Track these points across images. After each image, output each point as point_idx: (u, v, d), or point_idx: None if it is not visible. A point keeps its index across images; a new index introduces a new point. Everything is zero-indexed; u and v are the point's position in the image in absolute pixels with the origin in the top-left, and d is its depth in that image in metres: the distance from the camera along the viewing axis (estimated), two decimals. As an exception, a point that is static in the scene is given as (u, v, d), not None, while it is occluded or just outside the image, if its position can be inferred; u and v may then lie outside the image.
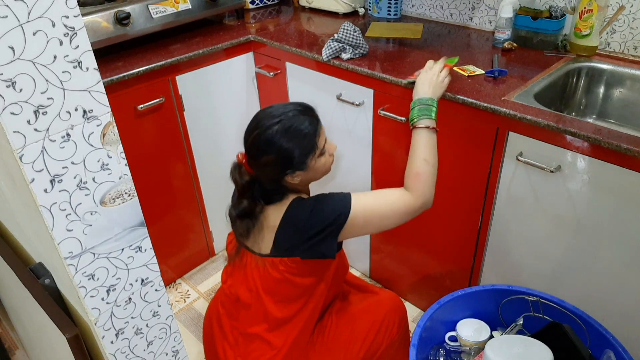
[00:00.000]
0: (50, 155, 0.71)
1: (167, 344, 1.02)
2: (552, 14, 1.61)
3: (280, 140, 1.14)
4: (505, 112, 1.28)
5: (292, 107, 1.18)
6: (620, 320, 1.33)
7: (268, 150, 1.15)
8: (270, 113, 1.17)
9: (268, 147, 1.15)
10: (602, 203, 1.23)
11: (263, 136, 1.15)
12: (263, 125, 1.16)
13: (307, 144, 1.16)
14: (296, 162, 1.16)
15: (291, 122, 1.15)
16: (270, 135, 1.14)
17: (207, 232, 2.10)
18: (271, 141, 1.14)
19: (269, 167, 1.17)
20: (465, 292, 1.35)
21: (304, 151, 1.16)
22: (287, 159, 1.15)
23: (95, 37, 1.58)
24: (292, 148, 1.14)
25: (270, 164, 1.16)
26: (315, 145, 1.18)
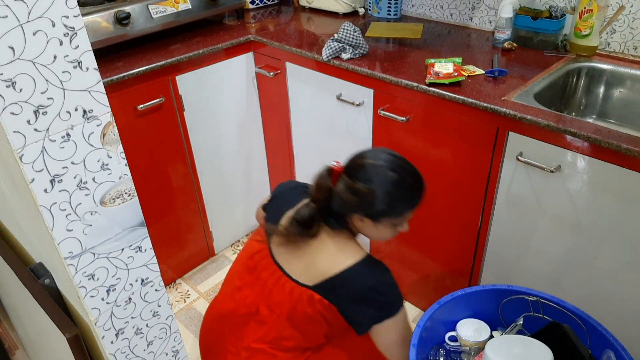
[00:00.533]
0: (50, 155, 0.71)
1: (167, 344, 1.02)
2: (552, 14, 1.61)
3: (386, 185, 1.11)
4: (505, 112, 1.28)
5: (417, 176, 1.16)
6: (620, 320, 1.33)
7: (368, 182, 1.11)
8: (398, 159, 1.15)
9: (370, 180, 1.11)
10: (602, 203, 1.23)
11: (376, 169, 1.12)
12: (385, 160, 1.13)
13: (398, 209, 1.14)
14: (377, 212, 1.13)
15: (406, 182, 1.13)
16: (383, 173, 1.11)
17: (207, 232, 2.10)
18: (378, 179, 1.11)
19: (354, 195, 1.12)
20: (465, 292, 1.35)
21: (391, 211, 1.14)
22: (373, 204, 1.12)
23: (95, 37, 1.58)
24: (386, 199, 1.11)
25: (357, 193, 1.12)
26: (402, 216, 1.16)
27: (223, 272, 2.12)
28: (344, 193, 1.14)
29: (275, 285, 1.21)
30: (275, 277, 1.21)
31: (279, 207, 1.29)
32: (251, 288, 1.26)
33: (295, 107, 1.90)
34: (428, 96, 1.44)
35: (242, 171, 2.12)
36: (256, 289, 1.25)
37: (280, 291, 1.20)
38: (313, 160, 1.97)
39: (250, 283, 1.26)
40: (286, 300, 1.19)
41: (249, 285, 1.27)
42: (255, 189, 2.23)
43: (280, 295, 1.20)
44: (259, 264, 1.26)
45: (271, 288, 1.21)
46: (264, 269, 1.24)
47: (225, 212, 2.14)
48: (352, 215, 1.16)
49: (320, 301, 1.15)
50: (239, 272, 1.32)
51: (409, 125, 1.53)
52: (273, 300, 1.21)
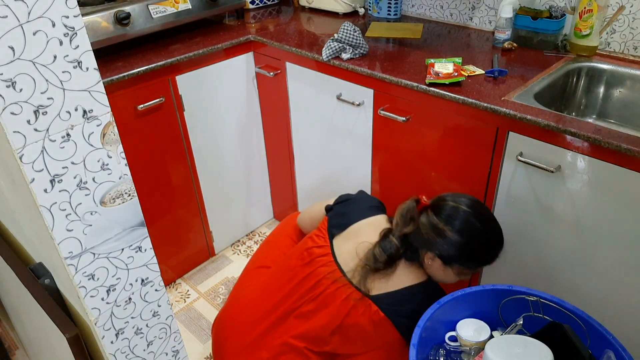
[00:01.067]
0: (50, 155, 0.71)
1: (167, 344, 1.02)
2: (552, 14, 1.61)
3: (470, 234, 1.14)
4: (505, 112, 1.28)
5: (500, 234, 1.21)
6: (620, 320, 1.33)
7: (453, 225, 1.14)
8: (487, 212, 1.19)
9: (455, 224, 1.14)
10: (602, 203, 1.23)
11: (464, 215, 1.15)
12: (474, 209, 1.16)
13: (473, 260, 1.18)
14: (451, 257, 1.16)
15: (489, 237, 1.17)
16: (469, 222, 1.14)
17: (207, 232, 2.10)
18: (464, 226, 1.14)
19: (435, 234, 1.15)
20: (465, 292, 1.35)
21: (465, 260, 1.17)
22: (451, 248, 1.15)
23: (95, 37, 1.58)
24: (465, 248, 1.14)
25: (438, 232, 1.15)
26: (472, 268, 1.20)
27: (223, 272, 2.13)
28: (425, 228, 1.17)
29: (331, 286, 1.22)
30: (332, 278, 1.22)
31: (347, 213, 1.32)
32: (302, 282, 1.26)
33: (295, 107, 1.90)
34: (428, 96, 1.44)
35: (242, 171, 2.12)
36: (307, 284, 1.25)
37: (335, 293, 1.21)
38: (313, 160, 1.97)
39: (303, 277, 1.27)
40: (340, 304, 1.20)
41: (301, 279, 1.27)
42: (255, 189, 2.23)
43: (333, 297, 1.21)
44: (317, 260, 1.26)
45: (326, 287, 1.22)
46: (321, 266, 1.24)
47: (225, 212, 2.14)
48: (425, 252, 1.18)
49: (377, 313, 1.16)
50: (290, 262, 1.32)
51: (409, 125, 1.53)
52: (324, 299, 1.21)
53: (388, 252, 1.19)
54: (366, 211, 1.33)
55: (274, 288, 1.32)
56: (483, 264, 1.20)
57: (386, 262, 1.19)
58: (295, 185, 2.13)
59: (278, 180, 2.22)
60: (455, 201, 1.18)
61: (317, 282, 1.23)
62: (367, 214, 1.32)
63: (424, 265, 1.22)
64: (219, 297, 2.01)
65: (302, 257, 1.29)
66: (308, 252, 1.29)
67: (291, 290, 1.27)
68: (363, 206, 1.35)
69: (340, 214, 1.33)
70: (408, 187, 1.65)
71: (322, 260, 1.25)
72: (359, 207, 1.34)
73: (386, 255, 1.19)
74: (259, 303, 1.33)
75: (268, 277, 1.37)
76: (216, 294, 2.02)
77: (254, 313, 1.32)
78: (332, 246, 1.26)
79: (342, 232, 1.28)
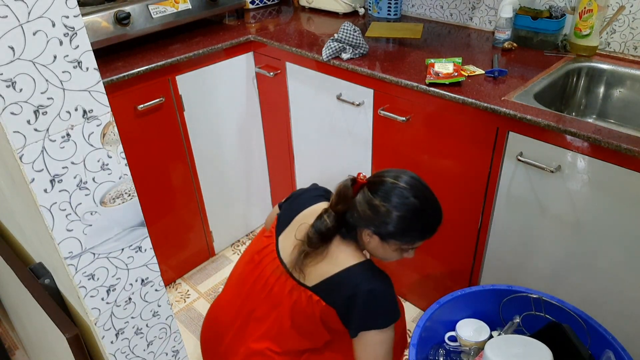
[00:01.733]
0: (50, 155, 0.71)
1: (167, 344, 1.02)
2: (552, 14, 1.61)
3: (404, 209, 1.11)
4: (505, 112, 1.28)
5: (437, 209, 1.17)
6: (620, 320, 1.33)
7: (387, 201, 1.11)
8: (423, 187, 1.15)
9: (390, 200, 1.11)
10: (602, 203, 1.23)
11: (399, 190, 1.12)
12: (409, 184, 1.13)
13: (409, 235, 1.15)
14: (388, 233, 1.13)
15: (425, 213, 1.14)
16: (404, 197, 1.11)
17: (207, 232, 2.10)
18: (398, 201, 1.11)
19: (371, 210, 1.13)
20: (465, 292, 1.35)
21: (401, 236, 1.14)
22: (386, 223, 1.12)
23: (95, 37, 1.58)
24: (400, 223, 1.12)
25: (374, 209, 1.12)
26: (411, 243, 1.16)
27: (223, 272, 2.13)
28: (361, 206, 1.14)
29: (276, 283, 1.21)
30: (277, 274, 1.21)
31: (293, 207, 1.30)
32: (254, 285, 1.26)
33: (295, 107, 1.90)
34: (428, 96, 1.44)
35: (242, 171, 2.12)
36: (258, 286, 1.25)
37: (281, 289, 1.20)
38: (313, 160, 1.97)
39: (254, 280, 1.27)
40: (286, 299, 1.19)
41: (252, 282, 1.27)
42: (255, 189, 2.23)
43: (280, 293, 1.20)
44: (264, 259, 1.26)
45: (272, 285, 1.22)
46: (267, 264, 1.24)
47: (225, 212, 2.14)
48: (362, 229, 1.16)
49: (319, 302, 1.15)
50: (244, 268, 1.32)
51: (409, 125, 1.53)
52: (274, 297, 1.21)
53: (319, 229, 1.16)
54: (310, 200, 1.30)
55: (235, 294, 1.32)
56: (421, 239, 1.17)
57: (319, 240, 1.16)
58: (295, 186, 2.13)
59: (278, 180, 2.22)
60: (392, 177, 1.15)
61: (266, 281, 1.23)
62: (310, 202, 1.29)
63: (363, 243, 1.19)
64: (219, 297, 2.01)
65: (253, 260, 1.29)
66: (258, 254, 1.28)
67: (247, 294, 1.27)
68: (307, 197, 1.32)
69: (288, 209, 1.32)
70: (408, 187, 1.65)
71: (268, 259, 1.25)
72: (303, 199, 1.32)
73: (317, 234, 1.16)
74: (225, 311, 1.34)
75: (232, 283, 1.37)
76: (216, 294, 2.02)
77: (222, 322, 1.33)
78: (278, 242, 1.26)
79: (286, 228, 1.27)
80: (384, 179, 1.15)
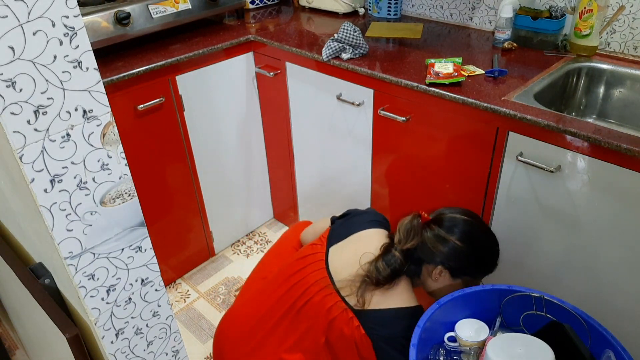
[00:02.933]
0: (50, 155, 0.71)
1: (167, 344, 1.02)
2: (552, 14, 1.61)
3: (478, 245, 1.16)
4: (505, 112, 1.28)
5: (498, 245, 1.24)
6: (620, 320, 1.33)
7: (457, 235, 1.15)
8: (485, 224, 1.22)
9: (458, 234, 1.15)
10: (602, 203, 1.23)
11: (469, 227, 1.16)
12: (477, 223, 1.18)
13: (479, 268, 1.19)
14: (462, 269, 1.16)
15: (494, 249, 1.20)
16: (474, 233, 1.16)
17: (207, 232, 2.10)
18: (469, 236, 1.15)
19: (441, 244, 1.15)
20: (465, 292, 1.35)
21: (472, 268, 1.18)
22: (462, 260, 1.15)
23: (95, 37, 1.58)
24: (476, 259, 1.16)
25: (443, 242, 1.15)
26: (479, 278, 1.21)
27: (223, 272, 2.13)
28: (430, 241, 1.17)
29: (318, 293, 1.20)
30: (320, 285, 1.20)
31: (350, 224, 1.32)
32: (292, 289, 1.25)
33: (295, 107, 1.90)
34: (428, 96, 1.44)
35: (242, 171, 2.12)
36: (297, 291, 1.23)
37: (322, 301, 1.18)
38: (313, 160, 1.97)
39: (294, 284, 1.25)
40: (325, 313, 1.18)
41: (291, 286, 1.26)
42: (255, 189, 2.23)
43: (320, 306, 1.19)
44: (310, 266, 1.25)
45: (314, 294, 1.20)
46: (312, 272, 1.23)
47: (225, 212, 2.14)
48: (431, 266, 1.17)
49: (358, 328, 1.15)
50: (284, 270, 1.31)
51: (409, 125, 1.53)
52: (312, 307, 1.19)
53: (392, 266, 1.18)
54: (367, 224, 1.32)
55: (267, 295, 1.31)
56: (487, 272, 1.21)
57: (389, 276, 1.18)
58: (295, 185, 2.13)
59: (278, 180, 2.22)
60: (452, 212, 1.20)
61: (306, 289, 1.22)
62: (367, 226, 1.31)
63: (429, 281, 1.21)
64: (219, 297, 2.01)
65: (297, 265, 1.28)
66: (303, 259, 1.28)
67: (282, 297, 1.26)
68: (366, 219, 1.35)
69: (343, 225, 1.33)
70: (408, 186, 1.65)
71: (314, 267, 1.24)
72: (361, 220, 1.34)
73: (390, 270, 1.17)
74: (254, 311, 1.32)
75: (264, 284, 1.36)
76: (216, 294, 2.02)
77: (248, 322, 1.31)
78: (327, 254, 1.26)
79: (340, 242, 1.27)
80: (451, 215, 1.19)
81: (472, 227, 1.17)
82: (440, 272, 1.18)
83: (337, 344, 1.18)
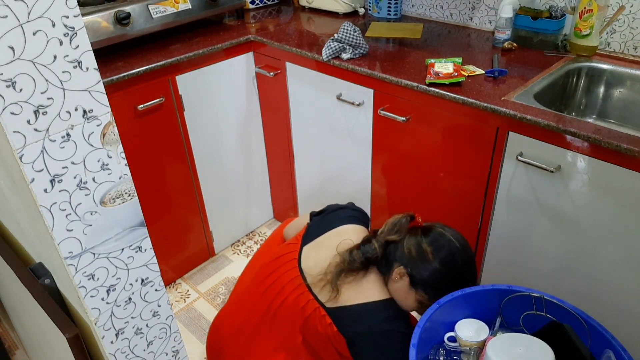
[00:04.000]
0: (50, 155, 0.71)
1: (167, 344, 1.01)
2: (552, 14, 1.61)
3: (448, 265, 1.14)
4: (505, 112, 1.28)
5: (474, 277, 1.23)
6: (620, 320, 1.33)
7: (438, 255, 1.14)
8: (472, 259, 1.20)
9: (440, 253, 1.14)
10: (602, 203, 1.23)
11: (451, 247, 1.15)
12: (462, 246, 1.17)
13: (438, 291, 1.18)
14: (421, 280, 1.16)
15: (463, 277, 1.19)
16: (452, 254, 1.15)
17: (207, 232, 2.10)
18: (447, 257, 1.14)
19: (417, 254, 1.14)
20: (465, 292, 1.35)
21: (432, 289, 1.17)
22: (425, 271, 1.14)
23: (95, 37, 1.58)
24: (438, 276, 1.15)
25: (421, 253, 1.14)
26: (433, 299, 1.18)
27: (223, 272, 2.13)
28: (409, 244, 1.16)
29: (292, 293, 1.19)
30: (294, 284, 1.20)
31: (327, 220, 1.31)
32: (268, 290, 1.24)
33: (295, 107, 1.90)
34: (428, 96, 1.44)
35: (242, 171, 2.12)
36: (272, 293, 1.23)
37: (296, 301, 1.18)
38: (313, 160, 1.97)
39: (269, 285, 1.25)
40: (299, 312, 1.17)
41: (266, 288, 1.25)
42: (255, 189, 2.23)
43: (294, 305, 1.18)
44: (283, 266, 1.25)
45: (288, 294, 1.20)
46: (285, 272, 1.22)
47: (225, 212, 2.14)
48: (398, 267, 1.17)
49: (331, 326, 1.14)
50: (259, 272, 1.30)
51: (409, 125, 1.53)
52: (287, 308, 1.19)
53: (367, 254, 1.17)
54: (345, 219, 1.31)
55: (249, 296, 1.31)
56: (442, 296, 1.20)
57: (363, 263, 1.17)
58: (295, 185, 2.13)
59: (278, 180, 2.22)
60: (449, 234, 1.18)
61: (281, 290, 1.21)
62: (345, 222, 1.30)
63: (390, 280, 1.20)
64: (219, 297, 2.01)
65: (272, 266, 1.28)
66: (277, 259, 1.27)
67: (259, 300, 1.25)
68: (343, 215, 1.32)
69: (320, 222, 1.31)
70: (408, 186, 1.65)
71: (287, 266, 1.23)
72: (338, 216, 1.32)
73: (364, 257, 1.17)
74: (234, 316, 1.31)
75: (244, 287, 1.35)
76: (216, 294, 2.02)
77: (234, 324, 1.31)
78: (301, 252, 1.25)
79: (314, 240, 1.26)
80: (441, 231, 1.18)
81: (456, 252, 1.16)
82: (402, 274, 1.16)
83: (313, 341, 1.18)
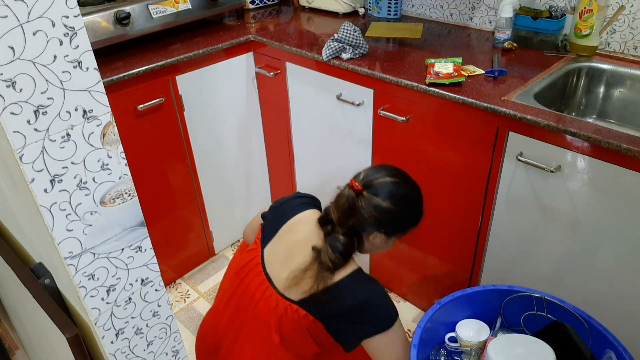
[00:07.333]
0: (50, 155, 0.71)
1: (167, 344, 1.01)
2: (552, 14, 1.61)
3: (406, 203, 1.14)
4: (505, 112, 1.28)
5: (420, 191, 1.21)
6: (621, 320, 1.33)
7: (392, 200, 1.12)
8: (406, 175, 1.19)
9: (394, 198, 1.12)
10: (602, 203, 1.23)
11: (396, 187, 1.13)
12: (400, 177, 1.16)
13: (410, 225, 1.18)
14: (395, 229, 1.15)
15: (418, 200, 1.18)
16: (403, 192, 1.14)
17: (207, 232, 2.10)
18: (400, 197, 1.13)
19: (380, 214, 1.11)
20: (466, 293, 1.35)
21: (406, 227, 1.17)
22: (395, 221, 1.14)
23: (95, 37, 1.58)
24: (407, 217, 1.15)
25: (383, 211, 1.11)
26: (410, 231, 1.19)
27: (223, 272, 2.12)
28: (367, 212, 1.12)
29: (262, 298, 1.17)
30: (262, 289, 1.17)
31: (277, 216, 1.26)
32: (240, 301, 1.22)
33: (295, 107, 1.90)
34: (428, 96, 1.44)
35: (242, 171, 2.12)
36: (244, 302, 1.21)
37: (267, 304, 1.16)
38: (313, 160, 1.97)
39: (239, 296, 1.23)
40: (272, 314, 1.15)
41: (238, 298, 1.23)
42: (255, 189, 2.23)
43: (266, 308, 1.16)
44: (249, 274, 1.22)
45: (258, 300, 1.18)
46: (252, 279, 1.20)
47: (225, 212, 2.14)
48: (367, 233, 1.15)
49: (306, 317, 1.12)
50: (230, 283, 1.28)
51: (408, 125, 1.53)
52: (260, 313, 1.17)
53: (338, 250, 1.12)
54: (296, 208, 1.25)
55: (221, 311, 1.28)
56: (416, 226, 1.20)
57: (343, 260, 1.13)
58: (295, 185, 2.13)
59: (278, 180, 2.22)
60: (381, 176, 1.15)
61: (251, 297, 1.19)
62: (297, 211, 1.24)
63: (366, 244, 1.17)
64: (219, 297, 2.01)
65: (238, 275, 1.25)
66: (243, 268, 1.24)
67: (234, 312, 1.23)
68: (293, 205, 1.27)
69: (272, 220, 1.27)
70: (408, 187, 1.65)
71: (253, 273, 1.21)
72: (288, 207, 1.26)
73: (341, 255, 1.12)
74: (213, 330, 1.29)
75: (219, 300, 1.32)
76: (216, 294, 2.02)
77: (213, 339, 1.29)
78: (263, 255, 1.22)
79: (272, 239, 1.22)
80: (377, 179, 1.14)
81: (402, 188, 1.14)
82: (376, 236, 1.15)
83: (290, 338, 1.16)
